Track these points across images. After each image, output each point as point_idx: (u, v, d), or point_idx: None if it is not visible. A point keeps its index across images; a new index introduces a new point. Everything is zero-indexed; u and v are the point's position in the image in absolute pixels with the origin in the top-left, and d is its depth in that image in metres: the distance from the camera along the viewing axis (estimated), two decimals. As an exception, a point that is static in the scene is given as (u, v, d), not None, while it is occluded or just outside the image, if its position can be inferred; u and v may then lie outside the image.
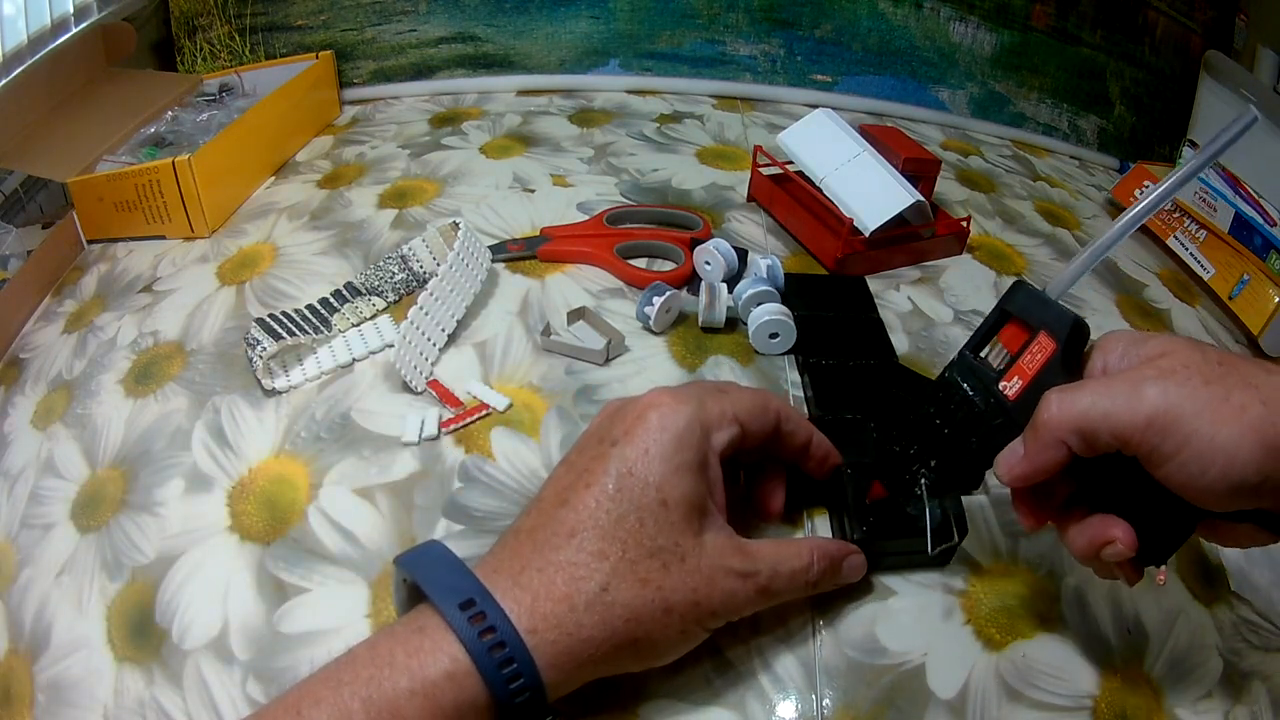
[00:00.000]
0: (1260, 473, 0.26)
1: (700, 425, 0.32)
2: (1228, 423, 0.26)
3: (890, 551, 0.38)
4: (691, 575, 0.30)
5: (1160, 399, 0.27)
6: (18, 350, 0.55)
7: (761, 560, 0.32)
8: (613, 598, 0.29)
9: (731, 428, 0.33)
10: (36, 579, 0.41)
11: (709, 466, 0.32)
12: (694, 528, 0.31)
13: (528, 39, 0.81)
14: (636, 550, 0.29)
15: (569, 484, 0.31)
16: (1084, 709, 0.35)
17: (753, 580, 0.32)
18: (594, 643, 0.28)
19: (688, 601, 0.30)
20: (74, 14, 0.66)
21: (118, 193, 0.60)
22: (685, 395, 0.33)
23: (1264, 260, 0.60)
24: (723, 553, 0.31)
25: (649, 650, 0.30)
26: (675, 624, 0.30)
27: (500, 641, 0.27)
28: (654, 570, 0.30)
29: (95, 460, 0.46)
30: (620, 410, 0.33)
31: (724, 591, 0.31)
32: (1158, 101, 0.83)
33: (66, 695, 0.36)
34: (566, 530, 0.29)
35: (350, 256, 0.57)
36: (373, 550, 0.39)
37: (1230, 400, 0.26)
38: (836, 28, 0.81)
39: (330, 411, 0.46)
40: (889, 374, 0.48)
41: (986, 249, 0.62)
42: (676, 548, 0.30)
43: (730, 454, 0.34)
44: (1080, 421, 0.29)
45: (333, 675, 0.27)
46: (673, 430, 0.31)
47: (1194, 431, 0.26)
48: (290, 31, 0.79)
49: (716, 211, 0.62)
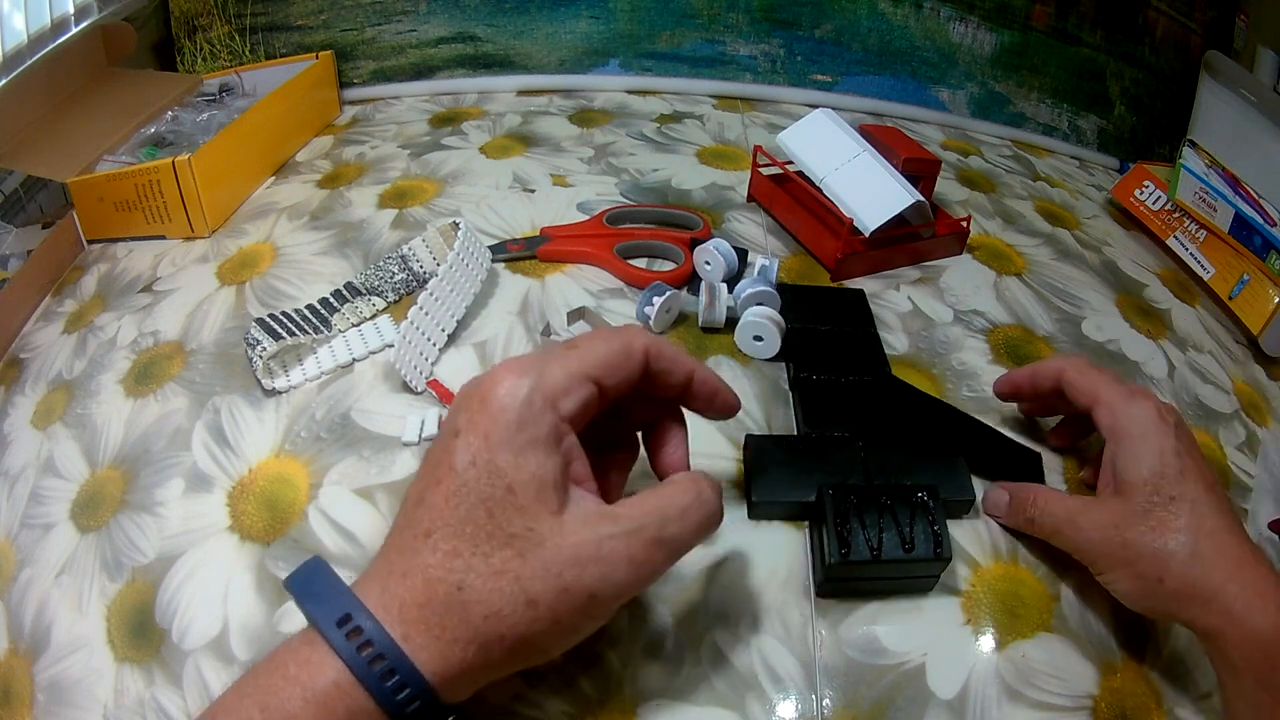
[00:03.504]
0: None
1: (542, 396, 0.29)
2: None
3: (869, 576, 0.37)
4: (554, 557, 0.28)
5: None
6: (18, 350, 0.55)
7: (641, 514, 0.29)
8: (468, 596, 0.27)
9: (582, 388, 0.30)
10: (36, 579, 0.41)
11: (560, 438, 0.29)
12: (550, 507, 0.28)
13: (528, 39, 0.81)
14: (489, 543, 0.28)
15: (425, 482, 0.29)
16: (1084, 709, 0.35)
17: (637, 537, 0.29)
18: (460, 643, 0.27)
19: (552, 589, 0.27)
20: (74, 14, 0.66)
21: (118, 193, 0.60)
22: (527, 366, 0.30)
23: (1264, 260, 0.60)
24: (589, 522, 0.29)
25: (524, 648, 0.28)
26: (544, 616, 0.27)
27: (379, 654, 0.26)
28: (509, 560, 0.27)
29: (95, 460, 0.46)
30: (465, 394, 0.31)
31: (599, 563, 0.28)
32: (1158, 101, 0.83)
33: (66, 695, 0.36)
34: (423, 531, 0.28)
35: (350, 256, 0.57)
36: (372, 550, 0.39)
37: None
38: (836, 28, 0.81)
39: (330, 411, 0.46)
40: (882, 391, 0.47)
41: (986, 249, 0.62)
42: (530, 533, 0.28)
43: (588, 415, 0.31)
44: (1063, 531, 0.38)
45: (240, 686, 0.27)
46: (512, 409, 0.29)
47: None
48: (290, 31, 0.79)
49: (716, 211, 0.62)
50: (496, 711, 0.34)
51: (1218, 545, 0.33)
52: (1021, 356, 0.52)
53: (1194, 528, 0.34)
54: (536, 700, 0.34)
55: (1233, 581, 0.32)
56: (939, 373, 0.50)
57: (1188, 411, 0.51)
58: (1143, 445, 0.36)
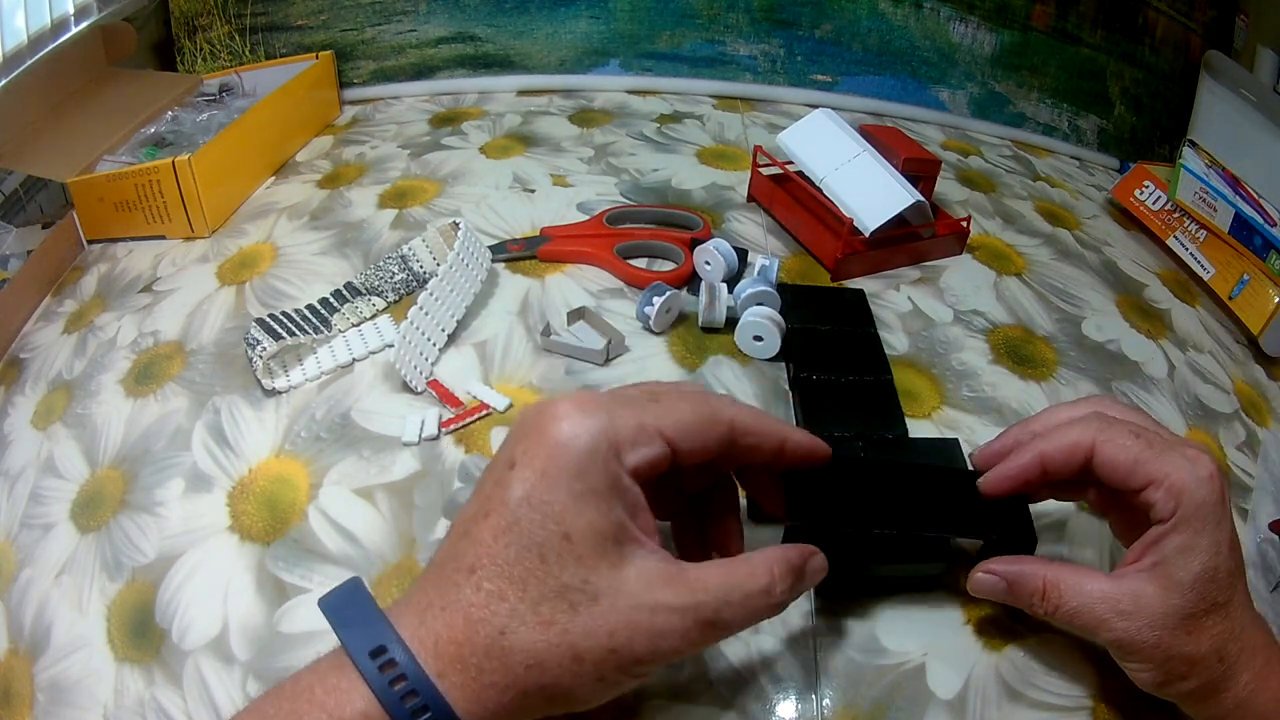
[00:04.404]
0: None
1: (608, 442, 0.27)
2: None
3: (867, 576, 0.37)
4: (606, 616, 0.26)
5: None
6: (18, 350, 0.55)
7: (705, 589, 0.28)
8: (511, 642, 0.26)
9: (652, 444, 0.28)
10: (36, 579, 0.41)
11: (623, 490, 0.28)
12: (609, 560, 0.27)
13: (528, 39, 0.81)
14: (539, 590, 0.26)
15: (473, 513, 0.28)
16: (1084, 709, 0.35)
17: (693, 614, 0.27)
18: (497, 688, 0.26)
19: (601, 648, 0.26)
20: (74, 14, 0.66)
21: (118, 193, 0.60)
22: (595, 405, 0.28)
23: (1264, 260, 0.60)
24: (650, 586, 0.27)
25: (563, 699, 0.27)
26: (589, 672, 0.26)
27: (412, 690, 0.25)
28: (560, 612, 0.26)
29: (95, 460, 0.46)
30: (523, 424, 0.29)
31: (651, 632, 0.27)
32: (1158, 101, 0.83)
33: (66, 695, 0.36)
34: (467, 566, 0.27)
35: (350, 256, 0.57)
36: (373, 550, 0.39)
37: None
38: (836, 28, 0.81)
39: (330, 411, 0.46)
40: (882, 391, 0.46)
41: (986, 249, 0.62)
42: (586, 585, 0.26)
43: (653, 473, 0.29)
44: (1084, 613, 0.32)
45: (260, 707, 0.27)
46: (574, 450, 0.27)
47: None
48: (290, 31, 0.79)
49: (716, 211, 0.62)
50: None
51: (1243, 646, 0.32)
52: (1022, 357, 0.52)
53: (1229, 633, 0.31)
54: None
55: (1247, 671, 0.31)
56: (939, 373, 0.50)
57: (1188, 411, 0.51)
58: (1200, 537, 0.31)
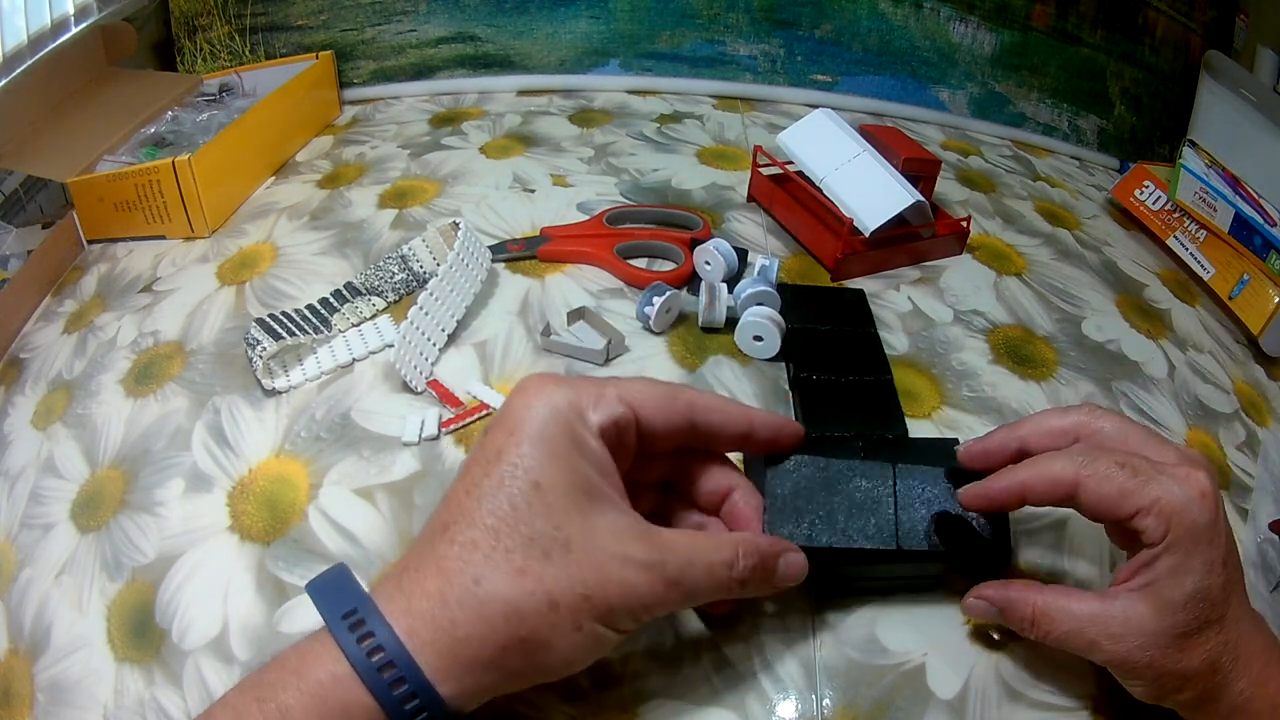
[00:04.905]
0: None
1: (570, 404, 0.29)
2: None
3: (864, 576, 0.37)
4: (579, 563, 0.27)
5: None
6: (18, 350, 0.55)
7: (670, 550, 0.29)
8: (486, 590, 0.26)
9: (614, 406, 0.30)
10: (36, 579, 0.41)
11: (588, 446, 0.29)
12: (580, 510, 0.28)
13: (528, 39, 0.81)
14: (512, 538, 0.27)
15: (452, 484, 0.29)
16: (1084, 709, 0.35)
17: (658, 572, 0.28)
18: (473, 641, 0.26)
19: (575, 594, 0.27)
20: (74, 14, 0.66)
21: (118, 193, 0.60)
22: (559, 378, 0.31)
23: (1264, 260, 0.60)
24: (620, 537, 0.28)
25: (543, 652, 0.27)
26: (565, 621, 0.27)
27: (378, 647, 0.26)
28: (532, 559, 0.27)
29: (95, 460, 0.46)
30: (501, 405, 0.31)
31: (621, 583, 0.28)
32: (1158, 101, 0.83)
33: (66, 695, 0.37)
34: (441, 524, 0.28)
35: (350, 256, 0.57)
36: (373, 550, 0.39)
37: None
38: (836, 28, 0.81)
39: (330, 411, 0.46)
40: (882, 391, 0.46)
41: (986, 249, 0.62)
42: (558, 532, 0.27)
43: (620, 436, 0.31)
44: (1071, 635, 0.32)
45: (242, 682, 0.27)
46: (540, 411, 0.29)
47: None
48: (290, 31, 0.79)
49: (716, 211, 0.62)
50: (496, 712, 0.33)
51: (1239, 654, 0.31)
52: (1022, 357, 0.52)
53: (1223, 646, 0.31)
54: (536, 701, 0.34)
55: (1243, 678, 0.31)
56: (939, 373, 0.50)
57: (1188, 411, 0.51)
58: (1192, 558, 0.30)
